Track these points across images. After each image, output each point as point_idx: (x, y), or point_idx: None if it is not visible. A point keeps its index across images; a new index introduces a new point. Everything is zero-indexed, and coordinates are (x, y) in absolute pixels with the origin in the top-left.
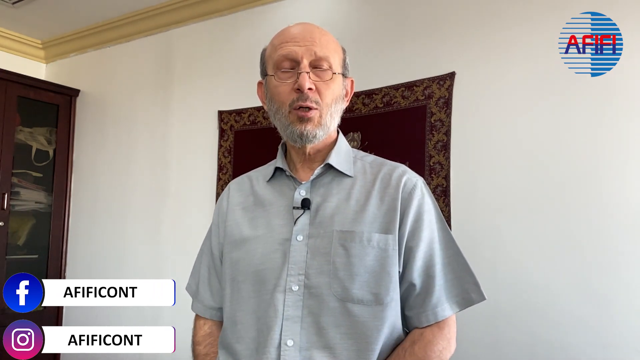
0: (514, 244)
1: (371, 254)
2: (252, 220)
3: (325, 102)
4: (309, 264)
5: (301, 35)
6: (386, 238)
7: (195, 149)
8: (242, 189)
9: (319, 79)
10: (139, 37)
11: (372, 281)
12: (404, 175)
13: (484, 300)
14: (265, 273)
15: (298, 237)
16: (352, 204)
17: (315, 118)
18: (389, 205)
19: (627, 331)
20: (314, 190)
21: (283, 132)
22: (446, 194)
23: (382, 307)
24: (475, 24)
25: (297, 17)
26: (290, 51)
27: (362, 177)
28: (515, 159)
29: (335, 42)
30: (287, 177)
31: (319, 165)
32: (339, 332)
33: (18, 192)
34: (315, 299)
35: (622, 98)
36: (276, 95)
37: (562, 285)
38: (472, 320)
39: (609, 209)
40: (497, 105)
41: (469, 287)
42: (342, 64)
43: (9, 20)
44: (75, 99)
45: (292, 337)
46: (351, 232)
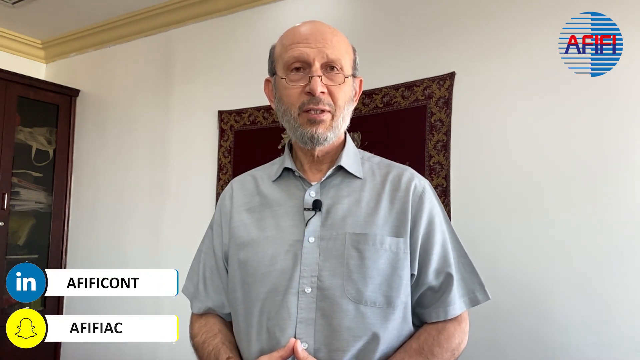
0: (514, 243)
1: (384, 256)
2: (259, 221)
3: (338, 104)
4: (322, 265)
5: (313, 36)
6: (397, 241)
7: (195, 149)
8: (246, 189)
9: (331, 82)
10: (139, 37)
11: (384, 284)
12: (414, 179)
13: (489, 300)
14: (276, 275)
15: (310, 239)
16: (363, 206)
17: (327, 120)
18: (399, 208)
19: (627, 331)
20: (324, 192)
21: (293, 134)
22: (446, 194)
23: (392, 309)
24: (475, 24)
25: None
26: (301, 53)
27: (371, 179)
28: (515, 158)
29: (346, 42)
30: (295, 177)
31: (327, 166)
32: (351, 334)
33: (18, 192)
34: (328, 301)
35: (622, 98)
36: (286, 97)
37: (562, 285)
38: (472, 320)
39: (609, 208)
40: (497, 105)
41: (475, 287)
42: (353, 64)
43: (9, 20)
44: (75, 99)
45: (307, 339)
46: (364, 235)
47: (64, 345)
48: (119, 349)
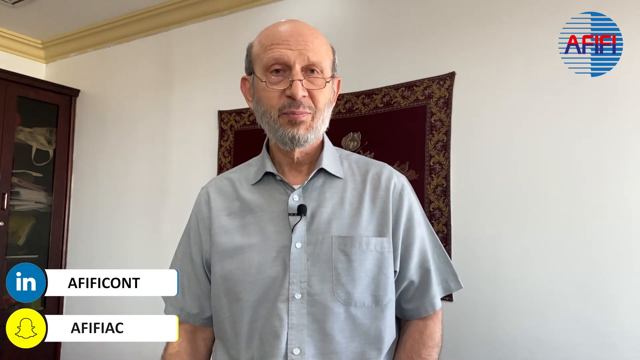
0: (514, 243)
1: (370, 257)
2: (243, 227)
3: (319, 107)
4: (311, 271)
5: (293, 37)
6: (382, 241)
7: (195, 149)
8: (224, 193)
9: (312, 85)
10: (139, 37)
11: (372, 284)
12: (392, 177)
13: (461, 289)
14: (266, 282)
15: (297, 245)
16: (346, 207)
17: (307, 121)
18: (381, 208)
19: (628, 331)
20: (307, 195)
21: (273, 135)
22: (446, 194)
23: (381, 307)
24: (475, 24)
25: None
26: (281, 55)
27: (352, 179)
28: (515, 158)
29: (326, 44)
30: (277, 181)
31: (307, 168)
32: (343, 336)
33: (18, 192)
34: (318, 306)
35: (622, 98)
36: (265, 98)
37: (563, 285)
38: (472, 320)
39: (609, 208)
40: (497, 105)
41: (448, 276)
42: (332, 65)
43: (9, 20)
44: (75, 99)
45: (299, 345)
46: (350, 238)
47: (64, 345)
48: (118, 349)
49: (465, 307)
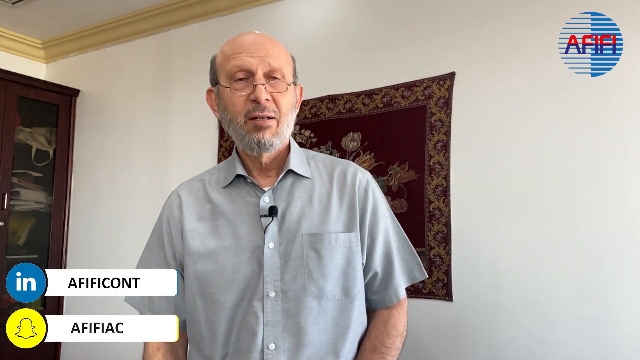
0: (514, 243)
1: (339, 252)
2: (214, 230)
3: (283, 111)
4: (283, 269)
5: (254, 45)
6: (350, 236)
7: (195, 149)
8: (196, 197)
9: (274, 90)
10: (139, 37)
11: (341, 277)
12: (357, 173)
13: (426, 278)
14: (241, 282)
15: (270, 245)
16: (315, 206)
17: (273, 127)
18: (348, 204)
19: (628, 331)
20: (277, 196)
21: (240, 141)
22: (446, 194)
23: (351, 299)
24: (475, 24)
25: (297, 18)
26: (244, 62)
27: (319, 178)
28: (515, 158)
29: (286, 52)
30: (247, 184)
31: (276, 171)
32: (317, 328)
33: (18, 192)
34: (292, 302)
35: (622, 98)
36: (231, 105)
37: (563, 285)
38: (472, 319)
39: (609, 208)
40: (497, 105)
41: (413, 266)
42: (293, 72)
43: (9, 20)
44: (75, 99)
45: (274, 340)
46: (320, 235)
47: (64, 345)
48: (118, 349)
49: (465, 307)
